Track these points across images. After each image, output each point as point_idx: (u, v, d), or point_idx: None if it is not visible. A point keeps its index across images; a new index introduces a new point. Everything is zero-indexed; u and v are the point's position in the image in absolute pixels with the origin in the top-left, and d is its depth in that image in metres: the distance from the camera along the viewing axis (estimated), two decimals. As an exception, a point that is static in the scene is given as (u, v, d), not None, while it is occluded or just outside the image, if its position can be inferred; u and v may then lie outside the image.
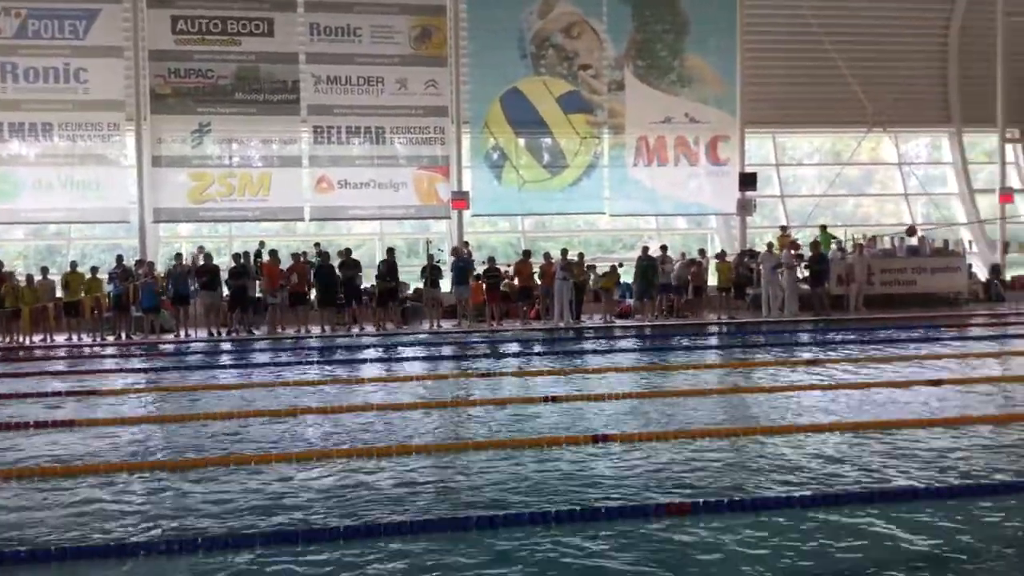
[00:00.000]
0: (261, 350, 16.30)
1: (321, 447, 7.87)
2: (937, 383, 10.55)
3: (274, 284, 18.59)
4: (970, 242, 24.53)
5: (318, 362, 14.02)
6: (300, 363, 13.96)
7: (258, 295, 18.95)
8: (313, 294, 19.02)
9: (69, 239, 22.88)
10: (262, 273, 18.88)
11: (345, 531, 5.54)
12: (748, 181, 22.64)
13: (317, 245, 20.45)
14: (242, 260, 18.83)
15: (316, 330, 18.49)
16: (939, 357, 13.10)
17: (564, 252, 19.71)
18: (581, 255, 20.59)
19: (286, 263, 19.01)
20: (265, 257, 19.13)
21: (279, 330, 18.62)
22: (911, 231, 22.53)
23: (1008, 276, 23.18)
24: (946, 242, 22.96)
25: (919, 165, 26.42)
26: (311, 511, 6.02)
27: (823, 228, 22.36)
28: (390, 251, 19.59)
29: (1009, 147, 25.19)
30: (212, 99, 21.71)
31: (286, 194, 22.17)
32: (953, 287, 22.01)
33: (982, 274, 23.47)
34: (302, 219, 22.77)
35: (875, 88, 24.15)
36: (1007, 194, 24.05)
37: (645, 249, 20.69)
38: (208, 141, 21.88)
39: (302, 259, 19.14)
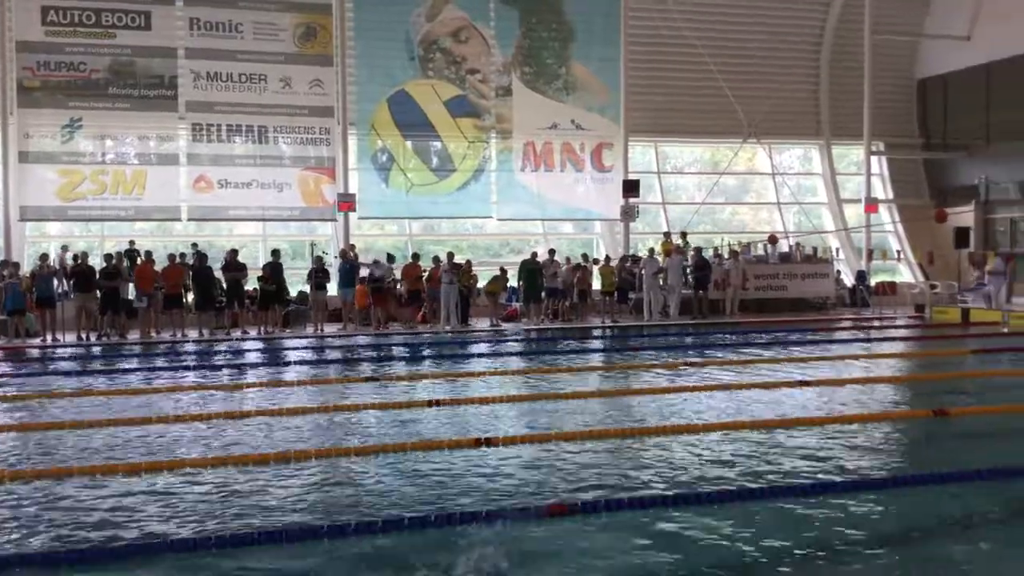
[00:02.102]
0: (132, 355, 15.67)
1: (193, 455, 7.62)
2: (805, 384, 11.02)
3: (148, 286, 17.91)
4: (837, 249, 25.75)
5: (192, 367, 13.59)
6: (173, 368, 13.51)
7: (131, 297, 18.22)
8: (190, 297, 18.43)
9: (-73, 238, 21.47)
10: (135, 274, 18.17)
11: (217, 540, 5.38)
12: (631, 188, 23.13)
13: (195, 246, 19.82)
14: (114, 261, 18.06)
15: (193, 334, 17.92)
16: (808, 359, 13.68)
17: (450, 255, 19.71)
18: (468, 261, 20.63)
19: (162, 264, 18.36)
20: (140, 258, 18.42)
21: (153, 334, 17.95)
22: (772, 239, 23.43)
23: (872, 282, 24.38)
24: (815, 249, 24.05)
25: (791, 175, 27.57)
26: (179, 522, 5.83)
27: (683, 235, 23.11)
28: (275, 253, 19.16)
29: (874, 159, 26.51)
30: (84, 93, 20.77)
31: (162, 193, 21.38)
32: (822, 292, 23.05)
33: (849, 280, 24.63)
34: (179, 219, 22.01)
35: (751, 101, 25.10)
36: (872, 204, 25.30)
37: (533, 254, 20.91)
38: (79, 137, 20.89)
39: (178, 260, 18.54)
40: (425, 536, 5.52)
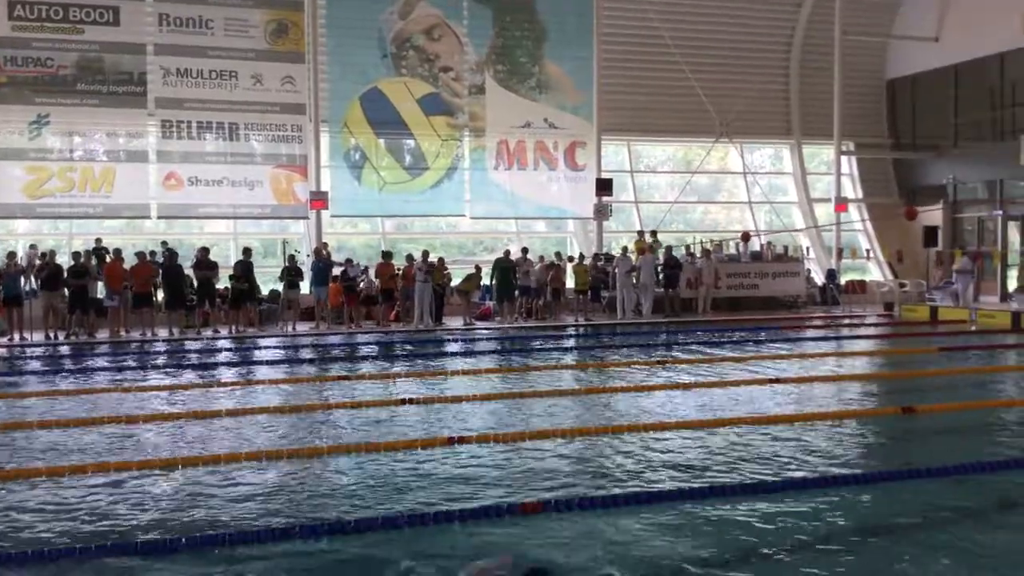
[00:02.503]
0: (101, 354, 15.49)
1: (164, 455, 7.55)
2: (776, 381, 11.11)
3: (117, 285, 17.72)
4: (808, 248, 25.96)
5: (162, 366, 13.46)
6: (142, 367, 13.39)
7: (100, 296, 18.02)
8: (160, 295, 18.26)
9: None
10: (103, 273, 17.97)
11: (188, 542, 5.33)
12: (604, 186, 23.20)
13: (165, 244, 19.63)
14: (82, 259, 17.86)
15: (163, 333, 17.74)
16: (780, 357, 13.80)
17: (425, 254, 19.68)
18: (441, 259, 20.58)
19: (131, 263, 18.16)
20: (109, 256, 18.23)
21: (122, 333, 17.76)
22: (745, 237, 23.57)
23: (842, 281, 24.61)
24: (786, 248, 24.24)
25: (763, 175, 27.78)
26: (151, 522, 5.77)
27: (654, 233, 23.21)
28: (246, 251, 19.01)
29: (844, 159, 26.76)
30: (52, 89, 20.47)
31: (131, 190, 21.13)
32: (793, 291, 23.25)
33: (819, 279, 24.85)
34: (148, 217, 21.78)
35: (723, 100, 25.26)
36: (841, 203, 25.53)
37: (506, 252, 20.92)
38: (47, 133, 20.61)
39: (148, 259, 18.37)
40: (397, 535, 5.49)
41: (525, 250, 21.05)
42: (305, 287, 19.66)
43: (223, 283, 18.93)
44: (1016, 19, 21.29)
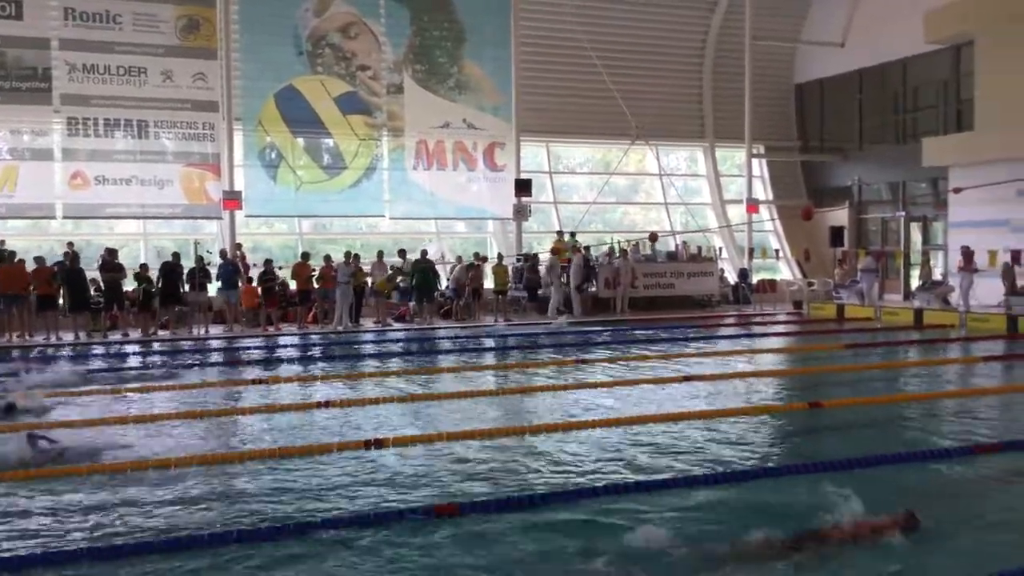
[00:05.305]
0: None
1: (70, 464, 7.30)
2: (690, 379, 11.32)
3: (8, 288, 17.03)
4: (721, 249, 26.55)
5: (66, 371, 13.01)
6: (45, 373, 12.92)
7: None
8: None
9: None
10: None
11: (90, 552, 5.17)
12: (523, 187, 23.31)
13: (71, 245, 18.98)
14: (-17, 261, 17.17)
15: (69, 337, 17.15)
16: (693, 355, 14.07)
17: (347, 255, 19.50)
18: (356, 255, 20.36)
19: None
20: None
21: (26, 337, 17.11)
22: (653, 237, 23.91)
23: (754, 280, 25.22)
24: (700, 249, 24.74)
25: (678, 176, 28.29)
26: (57, 533, 5.58)
27: (573, 235, 23.45)
28: (175, 255, 18.50)
29: (755, 161, 27.42)
30: (-50, 85, 19.69)
31: (36, 190, 20.37)
32: (706, 290, 23.74)
33: (732, 278, 25.41)
34: (54, 217, 21.03)
35: (638, 103, 25.64)
36: (753, 205, 26.16)
37: (423, 253, 20.84)
38: (-55, 130, 19.80)
39: (60, 260, 17.76)
40: (311, 541, 5.43)
41: (424, 252, 20.88)
42: (214, 289, 19.27)
43: (131, 284, 18.41)
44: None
